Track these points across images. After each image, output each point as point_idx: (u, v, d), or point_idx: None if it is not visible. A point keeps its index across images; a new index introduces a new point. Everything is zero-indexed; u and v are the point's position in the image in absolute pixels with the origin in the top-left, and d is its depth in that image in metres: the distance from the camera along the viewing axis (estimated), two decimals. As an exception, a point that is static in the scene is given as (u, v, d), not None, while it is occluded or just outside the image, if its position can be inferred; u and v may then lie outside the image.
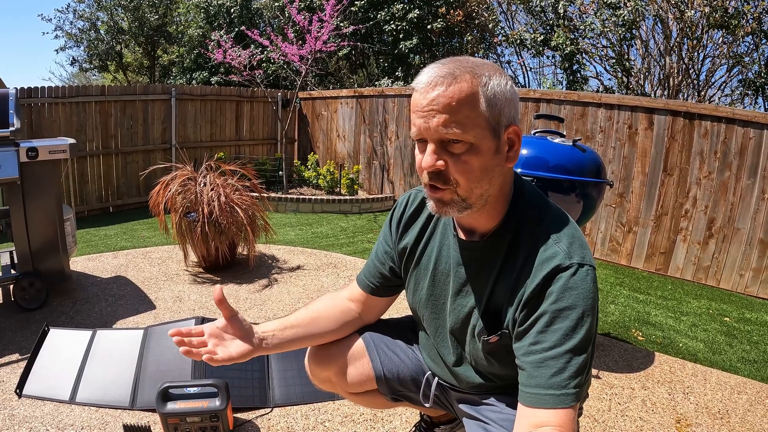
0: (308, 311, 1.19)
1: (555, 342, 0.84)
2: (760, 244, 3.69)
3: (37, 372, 1.97)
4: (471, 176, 0.87)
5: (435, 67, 0.87)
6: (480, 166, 0.87)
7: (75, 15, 11.54)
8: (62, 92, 5.03)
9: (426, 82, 0.85)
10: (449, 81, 0.84)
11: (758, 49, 5.65)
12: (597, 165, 2.30)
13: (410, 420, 1.84)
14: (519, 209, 0.95)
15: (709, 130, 3.87)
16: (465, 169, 0.87)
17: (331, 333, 1.21)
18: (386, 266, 1.19)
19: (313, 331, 1.17)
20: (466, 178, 0.88)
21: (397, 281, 1.20)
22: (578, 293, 0.86)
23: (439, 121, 0.84)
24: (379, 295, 1.22)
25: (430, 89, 0.85)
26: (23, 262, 2.65)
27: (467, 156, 0.86)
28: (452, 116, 0.84)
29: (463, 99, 0.83)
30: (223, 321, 1.04)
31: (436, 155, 0.87)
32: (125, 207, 5.70)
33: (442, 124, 0.84)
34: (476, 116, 0.84)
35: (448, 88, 0.84)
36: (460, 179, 0.88)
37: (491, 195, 0.92)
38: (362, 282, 1.23)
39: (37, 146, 2.51)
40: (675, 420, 1.99)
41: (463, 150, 0.86)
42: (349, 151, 6.92)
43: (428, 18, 8.66)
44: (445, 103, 0.83)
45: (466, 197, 0.89)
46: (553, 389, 0.83)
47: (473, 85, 0.84)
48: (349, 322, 1.23)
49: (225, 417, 1.65)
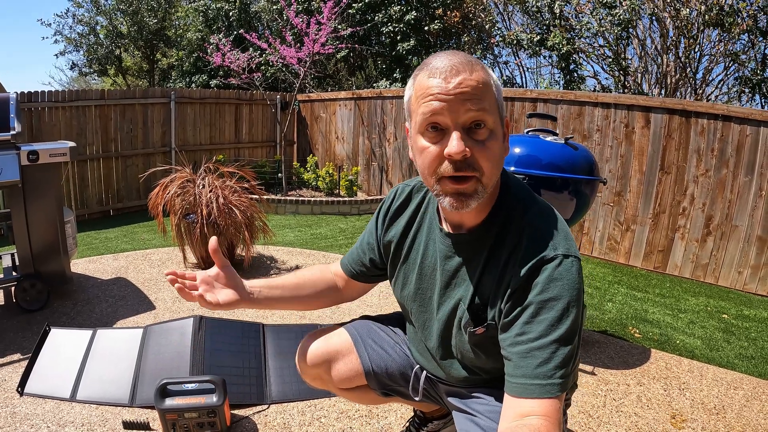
0: (296, 277, 1.23)
1: (541, 332, 0.85)
2: (758, 241, 3.70)
3: (38, 371, 2.00)
4: (494, 162, 0.88)
5: (446, 55, 0.87)
6: (499, 153, 0.89)
7: (74, 19, 11.60)
8: (62, 96, 5.06)
9: (447, 68, 0.85)
10: (470, 67, 0.85)
11: (754, 46, 5.67)
12: (589, 162, 2.32)
13: (405, 416, 1.86)
14: (506, 202, 0.97)
15: (706, 128, 3.89)
16: (489, 155, 0.87)
17: (311, 300, 1.25)
18: (367, 257, 1.22)
19: (295, 294, 1.21)
20: (490, 165, 0.87)
21: (377, 272, 1.23)
22: (563, 284, 0.87)
23: (470, 104, 0.84)
24: (358, 281, 1.26)
25: (453, 74, 0.84)
26: (24, 264, 2.67)
27: (490, 142, 0.87)
28: (480, 100, 0.85)
29: (486, 84, 0.86)
30: (215, 269, 1.08)
31: (462, 142, 0.85)
32: (125, 210, 5.73)
33: (471, 107, 0.84)
34: (494, 102, 0.88)
35: (472, 73, 0.85)
36: (485, 165, 0.87)
37: (494, 185, 0.93)
38: (344, 266, 1.27)
39: (37, 149, 2.54)
40: (670, 415, 2.00)
41: (486, 135, 0.87)
42: (347, 152, 6.94)
43: (425, 19, 8.70)
44: (473, 86, 0.84)
45: (486, 185, 0.89)
46: (539, 379, 0.83)
47: (487, 74, 0.88)
48: (331, 295, 1.28)
49: (222, 413, 1.67)
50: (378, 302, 3.09)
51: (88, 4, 11.50)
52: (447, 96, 0.84)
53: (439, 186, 0.90)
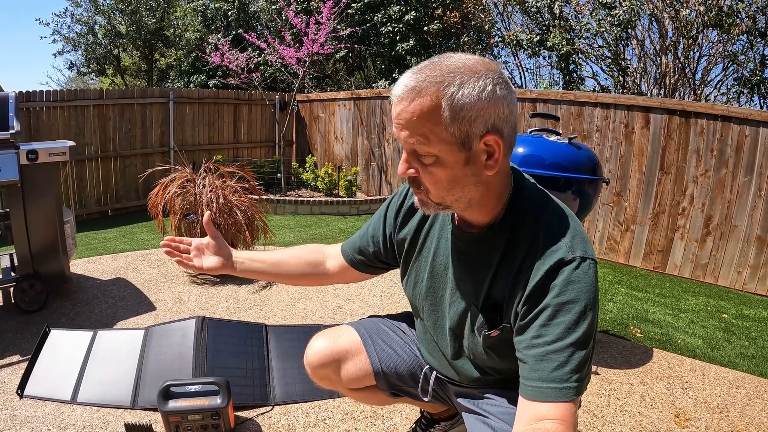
0: (282, 254, 1.29)
1: (558, 335, 0.85)
2: (758, 241, 3.71)
3: (38, 373, 1.98)
4: (439, 186, 0.89)
5: (407, 76, 0.86)
6: (447, 178, 0.88)
7: (73, 19, 11.58)
8: (60, 96, 5.04)
9: (395, 95, 0.87)
10: (412, 96, 0.83)
11: (753, 47, 5.69)
12: (593, 162, 2.32)
13: (410, 417, 1.85)
14: (518, 205, 0.95)
15: (705, 128, 3.90)
16: (432, 179, 0.89)
17: (293, 278, 1.30)
18: (371, 248, 1.22)
19: (275, 271, 1.27)
20: (434, 188, 0.90)
21: (377, 264, 1.24)
22: (581, 287, 0.86)
23: (405, 134, 0.86)
24: (357, 269, 1.26)
25: (397, 103, 0.86)
26: (23, 265, 2.65)
27: (433, 167, 0.88)
28: (414, 131, 0.85)
29: (424, 114, 0.83)
30: (208, 238, 1.21)
31: (407, 164, 0.91)
32: (124, 210, 5.71)
33: (406, 138, 0.86)
34: (439, 131, 0.83)
35: (410, 103, 0.84)
36: (429, 187, 0.90)
37: (473, 198, 0.92)
38: (345, 253, 1.27)
39: (37, 149, 2.52)
40: (674, 414, 2.00)
41: (431, 162, 0.87)
42: (347, 152, 6.93)
43: (425, 20, 8.70)
44: (407, 119, 0.85)
45: (440, 202, 0.92)
46: (555, 383, 0.83)
47: (436, 98, 0.82)
48: (314, 277, 1.30)
49: (226, 415, 1.66)
50: (380, 302, 3.08)
51: (86, 4, 11.48)
52: (394, 123, 0.89)
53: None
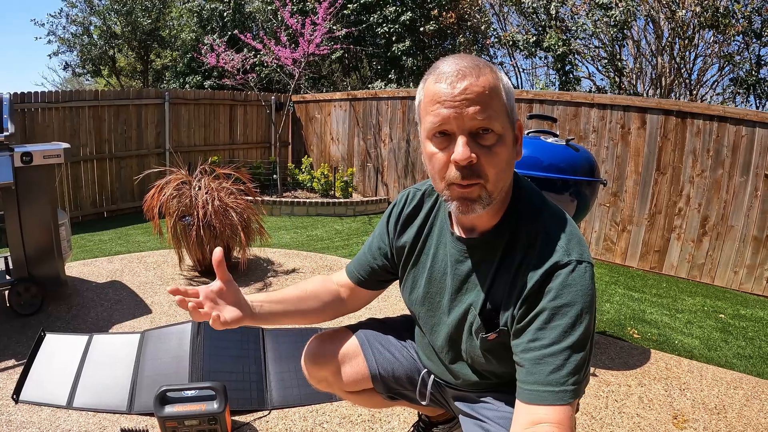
0: (298, 290, 1.18)
1: (554, 339, 0.85)
2: (754, 241, 3.72)
3: (33, 377, 1.96)
4: (500, 168, 0.87)
5: (453, 59, 0.86)
6: (507, 159, 0.88)
7: (68, 20, 11.52)
8: (55, 97, 5.01)
9: (453, 72, 0.84)
10: (477, 72, 0.84)
11: (749, 48, 5.71)
12: (590, 164, 2.32)
13: (408, 420, 1.84)
14: (518, 207, 0.96)
15: (702, 129, 3.91)
16: (496, 161, 0.86)
17: (315, 314, 1.19)
18: (378, 261, 1.19)
19: (299, 308, 1.16)
20: (496, 171, 0.86)
21: (387, 276, 1.21)
22: (577, 290, 0.86)
23: (475, 110, 0.83)
24: (365, 288, 1.22)
25: (459, 79, 0.83)
26: (18, 268, 2.63)
27: (497, 147, 0.86)
28: (486, 106, 0.83)
29: (493, 89, 0.85)
30: (218, 283, 1.00)
31: (468, 147, 0.84)
32: (119, 212, 5.68)
33: (478, 113, 0.83)
34: (502, 107, 0.86)
35: (478, 78, 0.84)
36: (490, 172, 0.86)
37: (503, 189, 0.92)
38: (351, 273, 1.23)
39: (31, 151, 2.50)
40: (672, 416, 2.00)
41: (493, 141, 0.85)
42: (343, 154, 6.92)
43: (421, 20, 8.69)
44: (479, 92, 0.83)
45: (492, 191, 0.88)
46: (551, 386, 0.83)
47: (495, 77, 0.86)
48: (335, 307, 1.22)
49: (223, 420, 1.65)
50: (377, 305, 3.07)
51: (81, 4, 11.42)
52: (453, 102, 0.83)
53: (447, 191, 0.90)
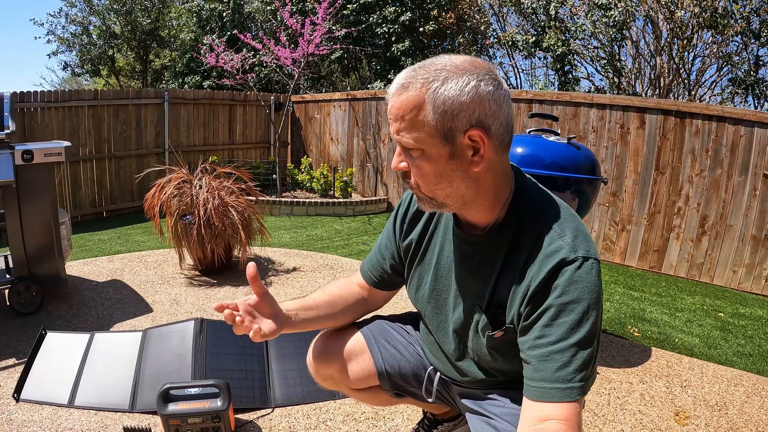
0: (325, 294, 1.21)
1: (560, 335, 0.85)
2: (753, 240, 3.74)
3: (34, 376, 1.95)
4: (427, 180, 0.91)
5: (401, 75, 0.90)
6: (433, 172, 0.90)
7: (67, 19, 11.49)
8: (55, 97, 5.00)
9: (389, 92, 0.91)
10: (400, 91, 0.88)
11: (747, 48, 5.73)
12: (591, 162, 2.33)
13: (412, 418, 1.84)
14: (520, 205, 0.95)
15: (701, 129, 3.92)
16: (420, 173, 0.91)
17: (344, 316, 1.24)
18: (387, 263, 1.19)
19: (330, 312, 1.20)
20: (423, 182, 0.92)
21: (397, 278, 1.21)
22: (583, 287, 0.86)
23: (394, 128, 0.90)
24: (380, 289, 1.23)
25: (389, 99, 0.91)
26: (18, 266, 2.62)
27: (420, 161, 0.90)
28: (401, 125, 0.88)
29: (408, 108, 0.87)
30: (255, 298, 1.04)
31: (399, 157, 0.93)
32: (119, 212, 5.67)
33: (395, 131, 0.90)
34: (422, 124, 0.86)
35: (398, 98, 0.88)
36: (419, 181, 0.92)
37: (465, 195, 0.91)
38: (365, 274, 1.24)
39: (32, 149, 2.50)
40: (674, 413, 2.01)
41: (418, 155, 0.90)
42: (342, 154, 6.92)
43: (420, 21, 8.70)
44: (395, 113, 0.89)
45: (432, 197, 0.94)
46: (558, 383, 0.83)
47: (419, 94, 0.86)
48: (360, 308, 1.26)
49: (227, 418, 1.65)
50: (378, 303, 3.07)
51: (81, 4, 11.40)
52: (388, 117, 0.92)
53: None
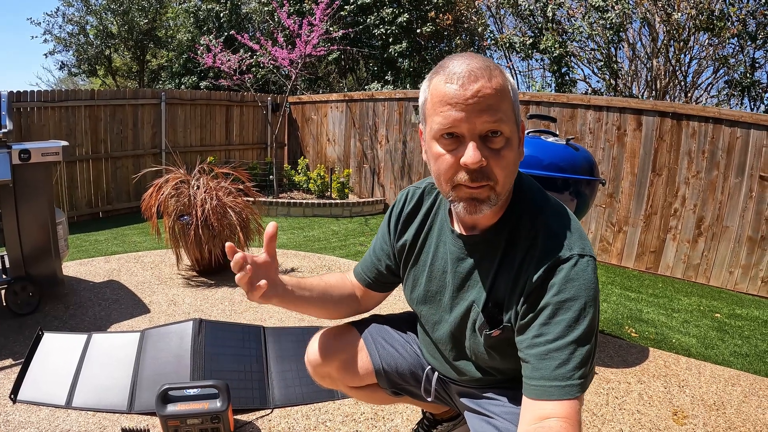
0: (322, 281, 1.18)
1: (558, 333, 0.85)
2: (749, 241, 3.75)
3: (31, 377, 1.94)
4: (508, 170, 0.87)
5: (463, 59, 0.85)
6: (514, 160, 0.88)
7: (64, 19, 11.44)
8: (52, 96, 4.97)
9: (464, 73, 0.82)
10: (488, 74, 0.82)
11: (743, 50, 5.77)
12: (590, 163, 2.33)
13: (411, 418, 1.84)
14: (519, 203, 0.96)
15: (697, 130, 3.94)
16: (504, 163, 0.86)
17: (335, 307, 1.20)
18: (382, 263, 1.19)
19: (323, 299, 1.16)
20: (504, 173, 0.86)
21: (392, 278, 1.21)
22: (580, 284, 0.86)
23: (487, 113, 0.82)
24: (373, 290, 1.23)
25: (471, 81, 0.82)
26: (15, 267, 2.61)
27: (505, 151, 0.85)
28: (497, 109, 0.83)
29: (503, 92, 0.84)
30: (265, 256, 0.99)
31: (479, 151, 0.83)
32: (115, 212, 5.64)
33: (489, 116, 0.82)
34: (510, 110, 0.86)
35: (490, 80, 0.82)
36: (499, 174, 0.86)
37: (509, 189, 0.93)
38: (359, 275, 1.23)
39: (29, 148, 2.48)
40: (672, 412, 2.01)
41: (502, 144, 0.85)
42: (339, 155, 6.92)
43: (417, 22, 8.72)
44: (490, 94, 0.82)
45: (500, 192, 0.88)
46: (558, 381, 0.83)
47: (505, 79, 0.85)
48: (352, 304, 1.24)
49: (226, 418, 1.64)
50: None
51: (78, 3, 11.35)
52: (464, 104, 0.82)
53: (454, 192, 0.89)
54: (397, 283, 1.23)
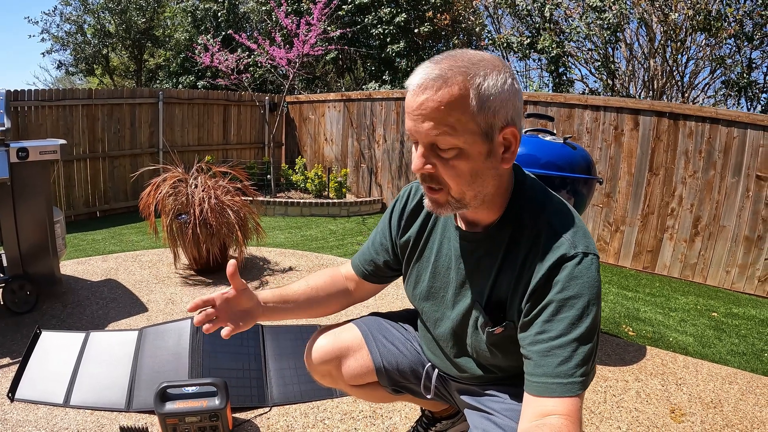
0: (307, 287, 1.21)
1: (561, 331, 0.85)
2: (746, 240, 3.77)
3: (29, 375, 1.94)
4: (461, 180, 0.87)
5: (428, 66, 0.84)
6: (470, 171, 0.86)
7: (62, 18, 11.41)
8: (49, 95, 4.96)
9: (417, 84, 0.83)
10: (439, 84, 0.81)
11: (740, 51, 5.79)
12: (587, 162, 2.34)
13: (410, 416, 1.85)
14: (520, 201, 0.96)
15: (694, 130, 3.96)
16: (454, 173, 0.86)
17: (324, 308, 1.24)
18: (380, 258, 1.20)
19: (308, 306, 1.20)
20: (455, 182, 0.87)
21: (389, 272, 1.22)
22: (583, 282, 0.87)
23: (428, 126, 0.83)
24: (370, 281, 1.24)
25: (420, 92, 0.82)
26: (13, 265, 2.60)
27: (456, 161, 0.85)
28: (441, 121, 0.82)
29: (453, 103, 0.81)
30: (233, 292, 1.06)
31: (424, 158, 0.87)
32: (112, 211, 5.63)
33: (430, 129, 0.83)
34: (466, 120, 0.82)
35: (437, 92, 0.81)
36: (451, 182, 0.87)
37: (487, 194, 0.92)
38: (356, 266, 1.25)
39: (27, 147, 2.48)
40: (669, 410, 2.02)
41: (453, 155, 0.85)
42: (336, 154, 6.92)
43: (415, 22, 8.72)
44: (433, 108, 0.81)
45: (459, 198, 0.89)
46: (560, 378, 0.83)
47: (464, 87, 0.81)
48: (341, 300, 1.26)
49: (225, 416, 1.64)
50: (373, 302, 3.07)
51: (76, 3, 11.32)
52: (412, 114, 0.84)
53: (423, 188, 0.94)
54: (394, 277, 1.24)
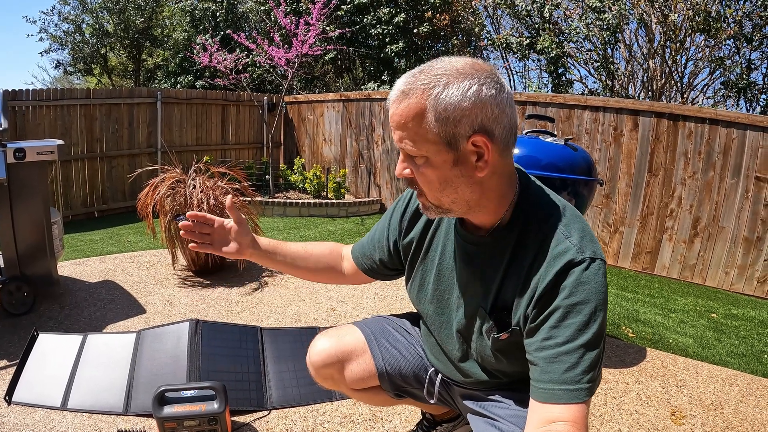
0: (304, 250, 1.26)
1: (568, 337, 0.84)
2: (745, 242, 3.77)
3: (26, 378, 1.92)
4: (431, 187, 0.90)
5: (402, 78, 0.89)
6: (438, 178, 0.89)
7: (60, 17, 11.36)
8: (47, 95, 4.94)
9: (390, 97, 0.90)
10: (401, 98, 0.86)
11: (739, 52, 5.79)
12: (588, 163, 2.33)
13: (410, 419, 1.84)
14: (525, 206, 0.95)
15: (693, 131, 3.95)
16: (424, 180, 0.90)
17: (311, 273, 1.28)
18: (377, 256, 1.22)
19: (296, 267, 1.25)
20: (427, 188, 0.91)
21: (386, 271, 1.23)
22: (591, 288, 0.86)
23: (397, 136, 0.89)
24: (366, 274, 1.26)
25: (391, 104, 0.89)
26: (10, 267, 2.58)
27: (425, 168, 0.89)
28: (403, 133, 0.87)
29: (410, 116, 0.86)
30: (231, 222, 1.16)
31: (403, 164, 0.92)
32: (110, 212, 5.61)
33: (398, 139, 0.89)
34: (424, 132, 0.85)
35: (398, 106, 0.87)
36: (423, 188, 0.92)
37: (470, 199, 0.91)
38: (356, 258, 1.27)
39: (24, 147, 2.46)
40: (670, 412, 2.02)
41: (422, 162, 0.89)
42: (335, 155, 6.91)
43: (414, 22, 8.71)
44: (397, 121, 0.88)
45: (437, 204, 0.93)
46: (566, 384, 0.83)
47: (420, 101, 0.84)
48: (330, 275, 1.30)
49: (223, 420, 1.63)
50: (373, 304, 3.07)
51: (74, 2, 11.27)
52: (390, 123, 0.91)
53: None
54: (390, 276, 1.25)
